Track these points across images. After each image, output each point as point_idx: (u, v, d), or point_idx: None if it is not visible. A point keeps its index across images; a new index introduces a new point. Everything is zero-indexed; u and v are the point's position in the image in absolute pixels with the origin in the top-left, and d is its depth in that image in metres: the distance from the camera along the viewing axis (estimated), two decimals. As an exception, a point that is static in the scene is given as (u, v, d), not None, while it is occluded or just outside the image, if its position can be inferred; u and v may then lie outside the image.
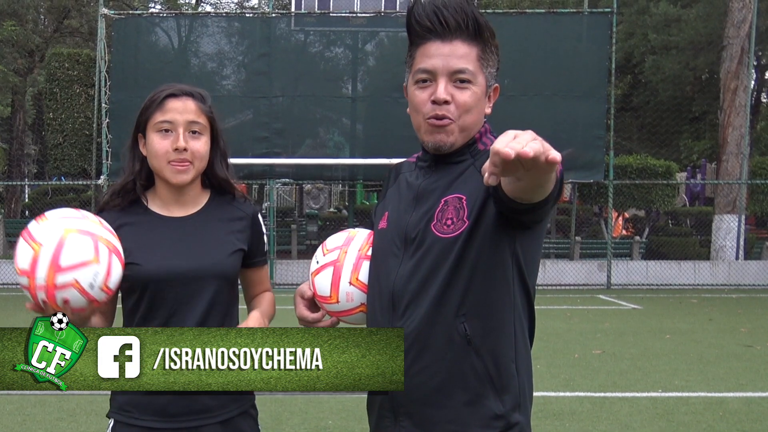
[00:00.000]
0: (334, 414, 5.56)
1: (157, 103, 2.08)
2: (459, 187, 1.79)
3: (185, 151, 2.03)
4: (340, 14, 15.94)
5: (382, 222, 1.93)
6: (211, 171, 2.14)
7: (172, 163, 2.03)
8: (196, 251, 2.06)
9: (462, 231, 1.72)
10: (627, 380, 6.71)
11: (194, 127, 2.07)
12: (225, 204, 2.17)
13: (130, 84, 15.40)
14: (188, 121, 2.06)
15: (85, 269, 1.72)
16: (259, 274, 2.26)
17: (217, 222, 2.13)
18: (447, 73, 1.76)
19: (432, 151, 1.83)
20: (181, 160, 2.02)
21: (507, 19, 16.00)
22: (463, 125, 1.80)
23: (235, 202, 2.19)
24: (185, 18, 17.44)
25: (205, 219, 2.12)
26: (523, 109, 15.27)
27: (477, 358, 1.71)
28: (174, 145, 2.02)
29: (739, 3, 16.52)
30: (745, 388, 6.45)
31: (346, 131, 16.14)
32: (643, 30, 23.07)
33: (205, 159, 2.10)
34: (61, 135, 17.82)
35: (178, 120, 2.04)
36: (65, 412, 5.62)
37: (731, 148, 16.68)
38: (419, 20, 1.77)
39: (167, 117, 2.05)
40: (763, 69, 25.71)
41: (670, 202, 17.81)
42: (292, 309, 2.03)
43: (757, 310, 12.01)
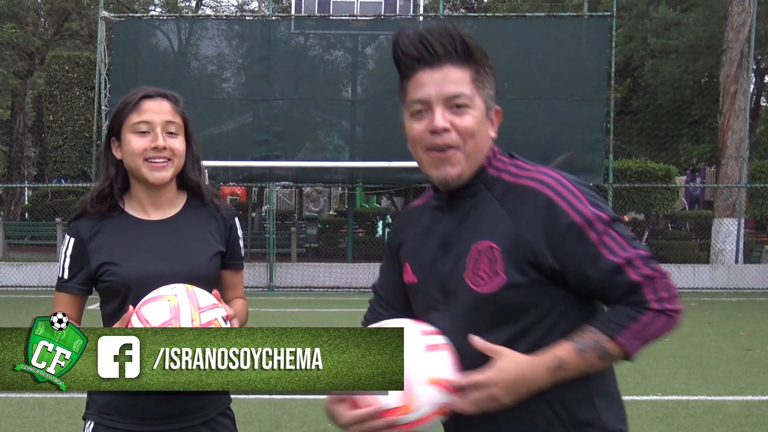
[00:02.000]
0: (334, 417, 5.56)
1: (132, 104, 2.07)
2: (488, 232, 1.65)
3: (164, 150, 2.03)
4: (339, 17, 15.97)
5: (407, 275, 1.79)
6: (185, 174, 2.13)
7: (150, 160, 2.03)
8: (176, 254, 2.06)
9: (499, 287, 1.59)
10: (627, 383, 6.70)
11: (171, 128, 2.06)
12: (202, 206, 2.17)
13: (130, 87, 15.09)
14: (165, 121, 2.05)
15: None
16: (234, 278, 2.26)
17: (195, 224, 2.13)
18: (442, 99, 1.65)
19: (441, 187, 1.70)
20: (159, 158, 2.02)
21: (507, 23, 16.03)
22: (469, 152, 1.67)
23: (212, 204, 2.18)
24: (185, 21, 17.46)
25: (184, 222, 2.13)
26: (523, 112, 15.29)
27: (547, 407, 1.62)
28: (153, 143, 2.02)
29: (738, 7, 16.54)
30: (745, 391, 6.45)
31: (346, 134, 16.15)
32: (642, 34, 23.11)
33: (183, 158, 2.09)
34: (61, 137, 17.83)
35: (155, 120, 2.04)
36: (64, 414, 5.62)
37: (731, 152, 16.69)
38: (405, 51, 1.69)
39: (144, 117, 2.04)
40: (763, 73, 25.75)
41: (670, 205, 17.82)
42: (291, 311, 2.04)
43: (757, 313, 12.01)
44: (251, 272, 15.86)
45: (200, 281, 1.99)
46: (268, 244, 15.94)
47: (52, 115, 17.92)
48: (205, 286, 1.94)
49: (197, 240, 2.12)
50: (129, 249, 2.06)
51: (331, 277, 15.66)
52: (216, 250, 2.14)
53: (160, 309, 1.78)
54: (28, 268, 15.70)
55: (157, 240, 2.08)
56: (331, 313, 11.77)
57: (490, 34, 15.58)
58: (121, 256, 2.04)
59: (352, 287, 15.54)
